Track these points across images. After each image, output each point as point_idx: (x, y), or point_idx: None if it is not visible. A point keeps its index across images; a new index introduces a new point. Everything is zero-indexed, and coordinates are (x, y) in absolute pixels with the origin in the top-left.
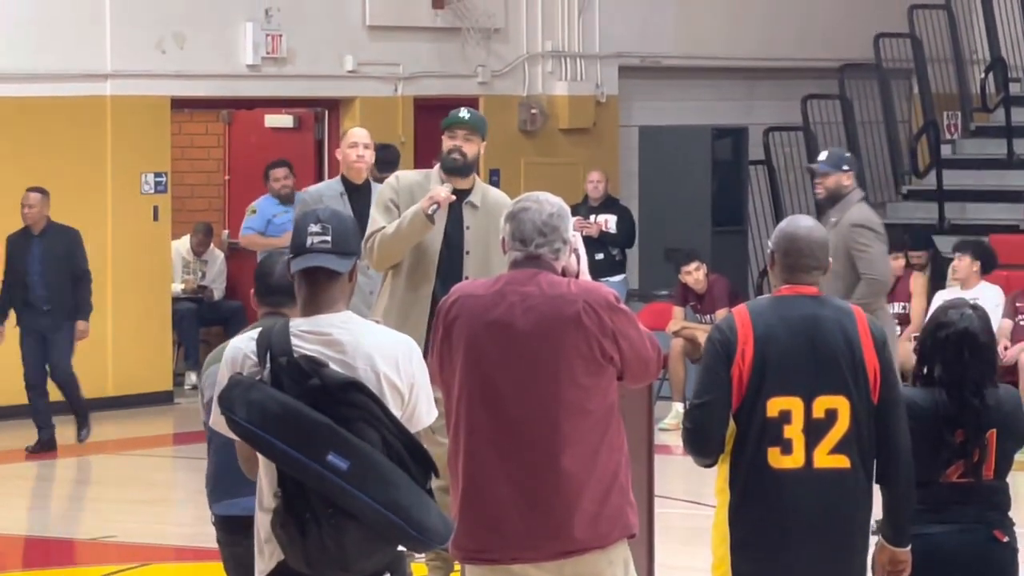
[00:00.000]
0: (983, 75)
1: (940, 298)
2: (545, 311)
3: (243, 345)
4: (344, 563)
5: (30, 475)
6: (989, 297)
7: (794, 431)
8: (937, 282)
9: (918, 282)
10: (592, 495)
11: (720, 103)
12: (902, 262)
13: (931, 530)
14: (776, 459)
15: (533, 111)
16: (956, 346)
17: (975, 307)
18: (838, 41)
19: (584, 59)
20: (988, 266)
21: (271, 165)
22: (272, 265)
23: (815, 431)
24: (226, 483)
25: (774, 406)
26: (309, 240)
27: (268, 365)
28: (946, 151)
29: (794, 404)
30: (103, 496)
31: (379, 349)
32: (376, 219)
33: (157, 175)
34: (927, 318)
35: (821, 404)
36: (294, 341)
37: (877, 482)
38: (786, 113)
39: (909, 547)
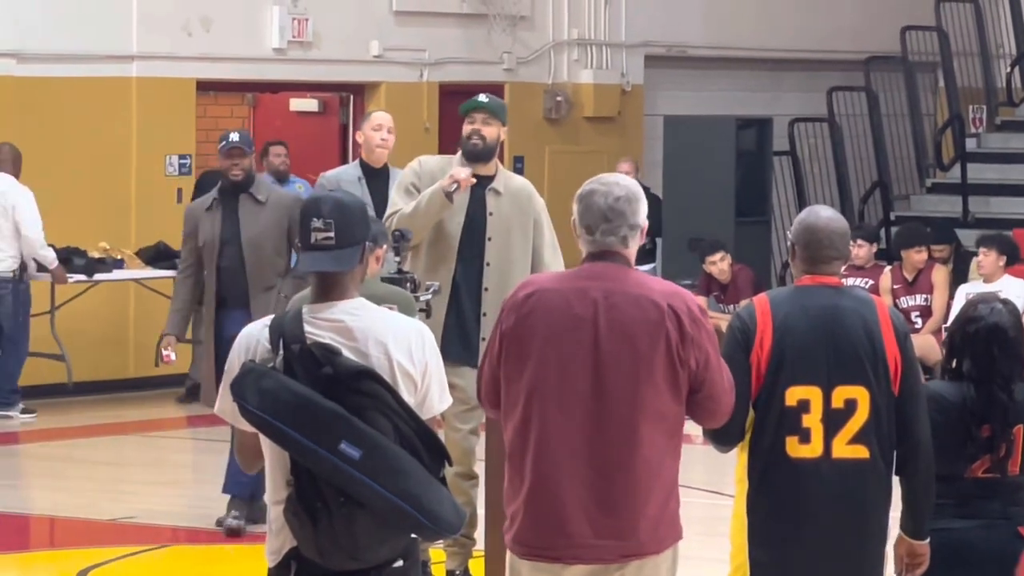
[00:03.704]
0: (1009, 69)
1: (963, 291)
2: (628, 310)
3: (256, 332)
4: (355, 552)
5: (51, 455)
6: (1013, 291)
7: (813, 420)
8: (959, 275)
9: (940, 274)
10: (656, 500)
11: (745, 94)
12: (924, 255)
13: (954, 525)
14: (794, 448)
15: (558, 99)
16: (985, 341)
17: (1005, 302)
18: (864, 33)
19: (610, 47)
20: (1012, 259)
21: (270, 143)
22: None
23: (834, 421)
24: None
25: (793, 395)
26: (313, 236)
27: (281, 352)
28: (971, 145)
29: (813, 393)
30: (124, 477)
31: (392, 336)
32: (395, 201)
33: (181, 157)
34: (957, 312)
35: (840, 394)
36: (307, 328)
37: (897, 474)
38: (811, 104)
39: (927, 540)
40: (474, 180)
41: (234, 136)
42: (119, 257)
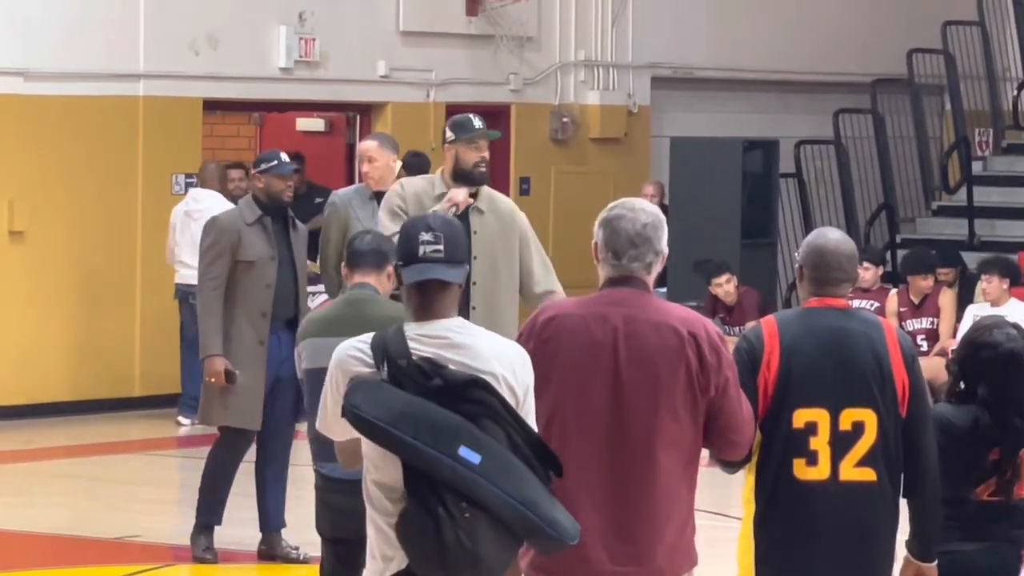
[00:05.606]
0: (1015, 92)
1: (971, 312)
2: (649, 337)
3: (352, 350)
4: (477, 559)
5: (57, 473)
6: (1018, 313)
7: (820, 443)
8: (964, 298)
9: (947, 298)
10: (674, 526)
11: (752, 115)
12: (930, 282)
13: (960, 547)
14: (802, 471)
15: (564, 120)
16: (1003, 367)
17: (1017, 327)
18: (871, 56)
19: (616, 69)
20: (1014, 281)
21: (229, 165)
22: (353, 239)
23: (841, 443)
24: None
25: (800, 417)
26: (421, 249)
27: (386, 368)
28: (977, 168)
29: (820, 416)
30: (130, 495)
31: (497, 352)
32: (386, 224)
33: (188, 176)
34: (965, 335)
35: (848, 416)
36: (411, 344)
37: (904, 496)
38: (818, 127)
39: (935, 563)
40: (471, 200)
41: (285, 157)
42: (318, 272)
